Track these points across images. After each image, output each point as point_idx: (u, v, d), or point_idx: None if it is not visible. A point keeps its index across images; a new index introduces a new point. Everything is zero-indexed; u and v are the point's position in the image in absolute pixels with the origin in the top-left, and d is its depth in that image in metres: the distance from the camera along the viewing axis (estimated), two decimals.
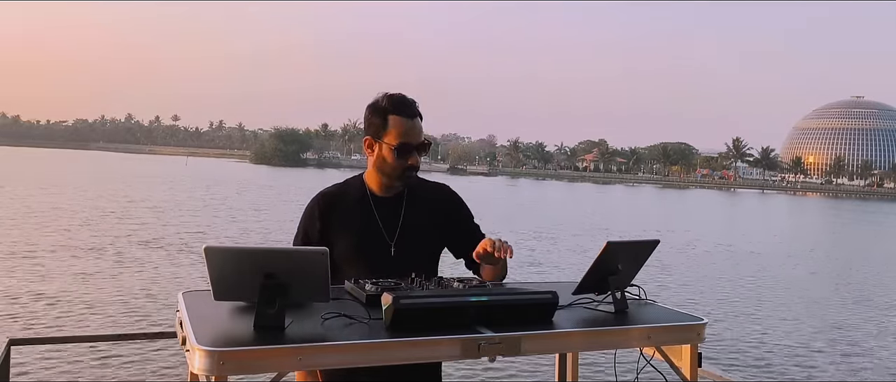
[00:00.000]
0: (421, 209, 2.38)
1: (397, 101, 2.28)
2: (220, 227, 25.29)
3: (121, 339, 4.07)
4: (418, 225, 2.36)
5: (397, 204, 2.36)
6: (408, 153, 2.27)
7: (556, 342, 1.90)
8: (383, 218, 2.34)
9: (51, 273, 14.48)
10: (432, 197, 2.43)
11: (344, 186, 2.44)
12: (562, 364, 2.61)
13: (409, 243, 2.33)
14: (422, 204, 2.39)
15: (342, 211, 2.35)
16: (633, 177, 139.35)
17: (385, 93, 2.31)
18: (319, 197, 2.39)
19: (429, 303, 1.77)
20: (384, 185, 2.35)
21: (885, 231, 42.34)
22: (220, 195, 42.35)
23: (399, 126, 2.26)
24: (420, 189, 2.42)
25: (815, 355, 11.27)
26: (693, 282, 17.71)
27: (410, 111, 2.28)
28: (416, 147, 2.28)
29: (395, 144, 2.25)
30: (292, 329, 1.68)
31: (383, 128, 2.27)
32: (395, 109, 2.26)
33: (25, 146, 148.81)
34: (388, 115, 2.26)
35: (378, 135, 2.28)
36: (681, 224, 37.66)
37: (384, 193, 2.36)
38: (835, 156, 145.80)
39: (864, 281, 19.72)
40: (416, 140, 2.28)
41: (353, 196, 2.38)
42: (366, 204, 2.35)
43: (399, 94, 2.30)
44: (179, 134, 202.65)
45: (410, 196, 2.38)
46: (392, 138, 2.26)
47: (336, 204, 2.36)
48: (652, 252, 2.16)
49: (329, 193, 2.40)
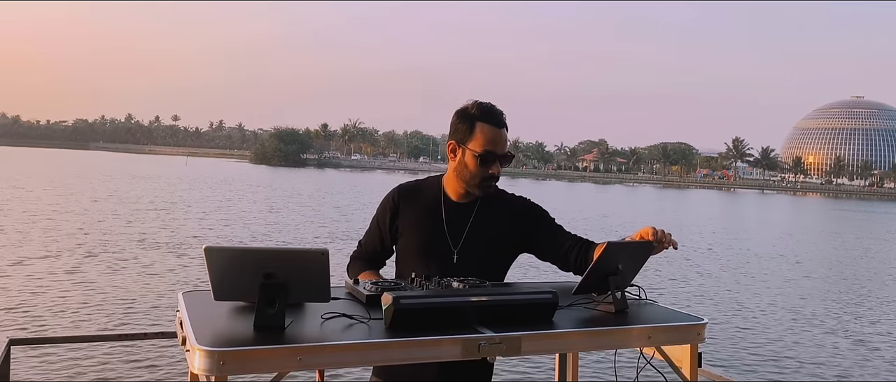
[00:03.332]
0: (492, 219, 2.37)
1: (486, 109, 2.28)
2: (219, 227, 25.29)
3: (121, 339, 4.06)
4: (485, 235, 2.35)
5: (468, 211, 2.36)
6: (491, 161, 2.27)
7: (556, 342, 1.90)
8: (451, 223, 2.34)
9: (51, 272, 14.47)
10: (507, 209, 2.41)
11: (422, 184, 2.45)
12: (562, 364, 2.61)
13: (473, 251, 2.32)
14: (494, 214, 2.38)
15: (415, 208, 2.37)
16: (633, 177, 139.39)
17: (475, 100, 2.31)
18: (396, 191, 2.41)
19: (429, 303, 1.77)
20: (461, 191, 2.35)
21: (886, 231, 42.33)
22: (219, 195, 42.35)
23: (485, 134, 2.26)
24: (496, 200, 2.40)
25: (816, 355, 11.27)
26: (693, 282, 17.71)
27: (498, 120, 2.28)
28: (500, 157, 2.28)
29: (480, 151, 2.26)
30: (292, 329, 1.68)
31: (469, 134, 2.27)
32: (484, 117, 2.27)
33: (25, 146, 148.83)
34: (476, 122, 2.27)
35: (463, 141, 2.29)
36: (681, 224, 37.65)
37: (459, 199, 2.36)
38: (835, 156, 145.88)
39: (865, 281, 19.71)
40: (501, 150, 2.28)
41: (427, 196, 2.39)
42: (437, 207, 2.35)
43: (489, 103, 2.31)
44: (179, 134, 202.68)
45: (483, 205, 2.37)
46: (477, 145, 2.26)
47: (412, 199, 2.38)
48: (652, 252, 2.17)
49: (406, 188, 2.42)
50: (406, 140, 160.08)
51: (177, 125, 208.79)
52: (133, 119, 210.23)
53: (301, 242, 21.44)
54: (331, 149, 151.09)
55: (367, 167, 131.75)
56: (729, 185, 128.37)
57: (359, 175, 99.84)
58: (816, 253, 27.44)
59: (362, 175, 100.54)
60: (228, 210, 32.55)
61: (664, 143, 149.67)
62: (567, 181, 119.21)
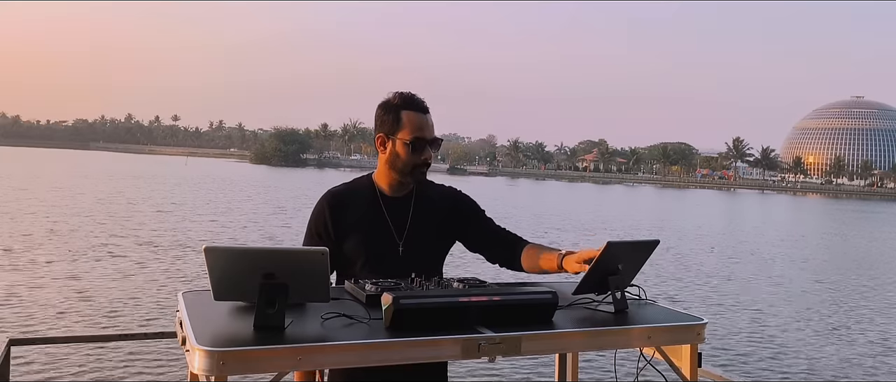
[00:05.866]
0: (429, 209, 2.40)
1: (409, 98, 2.31)
2: (219, 227, 25.29)
3: (121, 339, 4.07)
4: (427, 226, 2.38)
5: (406, 203, 2.38)
6: (421, 148, 2.29)
7: (556, 342, 1.90)
8: (393, 217, 2.35)
9: (51, 272, 14.48)
10: (440, 199, 2.45)
11: (353, 185, 2.45)
12: (562, 364, 2.61)
13: (418, 243, 2.35)
14: (430, 204, 2.41)
15: (352, 209, 2.36)
16: (633, 178, 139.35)
17: (397, 92, 2.34)
18: (328, 196, 2.39)
19: (429, 303, 1.77)
20: (395, 184, 2.37)
21: (886, 231, 42.32)
22: (220, 195, 42.34)
23: (412, 121, 2.28)
24: (429, 190, 2.45)
25: (816, 354, 11.27)
26: (693, 282, 17.71)
27: (422, 107, 2.31)
28: (429, 142, 2.31)
29: (409, 139, 2.28)
30: (292, 329, 1.68)
31: (397, 124, 2.29)
32: (408, 105, 2.30)
33: (25, 146, 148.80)
34: (401, 111, 2.29)
35: (391, 132, 2.30)
36: (681, 224, 37.65)
37: (394, 193, 2.38)
38: (835, 156, 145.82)
39: (865, 280, 19.71)
40: (429, 135, 2.31)
41: (362, 195, 2.39)
42: (375, 203, 2.36)
43: (409, 92, 2.33)
44: (179, 134, 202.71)
45: (419, 196, 2.40)
46: (405, 133, 2.28)
47: (346, 202, 2.38)
48: (652, 252, 2.17)
49: (338, 191, 2.41)
50: None
51: (177, 125, 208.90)
52: (133, 119, 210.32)
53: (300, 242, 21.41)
54: (331, 149, 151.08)
55: (366, 167, 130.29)
56: (729, 185, 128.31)
57: (359, 175, 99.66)
58: (817, 252, 27.44)
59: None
60: (232, 211, 32.54)
61: (664, 143, 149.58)
62: (567, 181, 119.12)
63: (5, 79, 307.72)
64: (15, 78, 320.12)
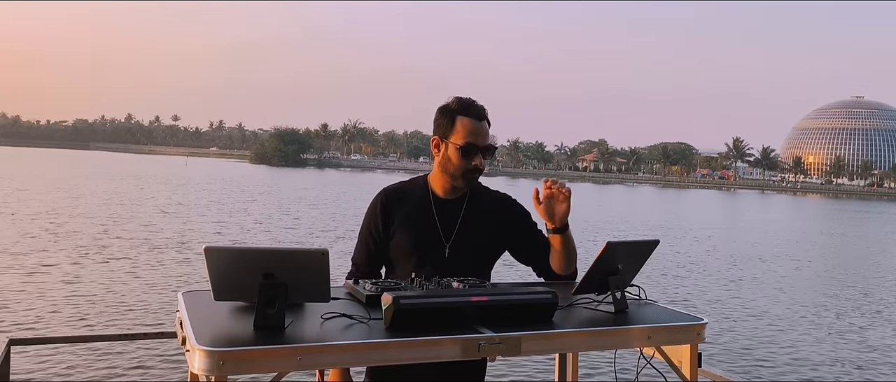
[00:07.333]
0: (480, 214, 2.42)
1: (465, 104, 2.34)
2: (219, 227, 25.28)
3: (121, 339, 4.06)
4: (475, 229, 2.40)
5: (458, 206, 2.41)
6: (473, 153, 2.31)
7: (556, 342, 1.90)
8: (442, 218, 2.38)
9: (51, 273, 14.47)
10: (493, 205, 2.47)
11: (408, 184, 2.48)
12: (562, 364, 2.61)
13: (465, 245, 2.37)
14: (482, 209, 2.44)
15: (404, 207, 2.40)
16: (633, 177, 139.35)
17: (456, 96, 2.37)
18: (383, 194, 2.43)
19: (429, 303, 1.77)
20: (447, 187, 2.40)
21: (886, 231, 42.32)
22: (221, 196, 42.32)
23: (466, 127, 2.31)
24: (483, 195, 2.47)
25: (816, 354, 11.26)
26: (693, 282, 17.70)
27: (478, 114, 2.34)
28: (482, 149, 2.33)
29: (461, 144, 2.30)
30: (292, 330, 1.68)
31: (450, 128, 2.32)
32: (464, 111, 2.33)
33: (25, 146, 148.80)
34: (456, 117, 2.32)
35: (445, 136, 2.34)
36: (681, 223, 37.65)
37: (446, 195, 2.41)
38: (835, 156, 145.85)
39: (865, 280, 19.71)
40: (482, 142, 2.33)
41: (416, 194, 2.42)
42: (427, 204, 2.39)
43: (469, 98, 2.36)
44: (179, 134, 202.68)
45: (472, 200, 2.43)
46: (458, 138, 2.31)
47: (399, 200, 2.41)
48: (652, 252, 2.17)
49: (393, 189, 2.45)
50: (406, 140, 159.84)
51: (177, 125, 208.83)
52: (133, 119, 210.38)
53: (302, 242, 21.43)
54: (331, 149, 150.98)
55: (367, 167, 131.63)
56: (729, 185, 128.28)
57: (359, 175, 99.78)
58: (817, 252, 27.43)
59: (362, 175, 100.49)
60: (228, 209, 32.54)
61: (664, 143, 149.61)
62: (567, 181, 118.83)
63: (5, 79, 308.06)
64: (15, 78, 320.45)
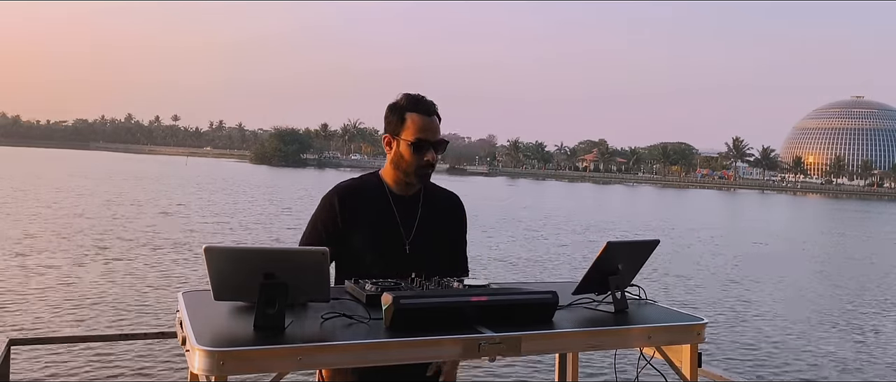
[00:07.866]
0: (435, 211, 2.43)
1: (415, 100, 2.34)
2: (219, 227, 25.28)
3: (121, 339, 4.07)
4: (433, 226, 2.40)
5: (414, 203, 2.40)
6: (424, 149, 2.31)
7: (556, 342, 1.90)
8: (401, 215, 2.37)
9: (51, 273, 14.47)
10: (446, 202, 2.49)
11: (361, 181, 2.46)
12: (562, 364, 2.61)
13: (425, 242, 2.37)
14: (437, 207, 2.44)
15: (361, 204, 2.37)
16: (633, 177, 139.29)
17: (405, 93, 2.36)
18: (339, 189, 2.40)
19: (429, 303, 1.77)
20: (401, 183, 2.39)
21: (886, 231, 42.31)
22: (223, 196, 42.33)
23: (416, 123, 2.30)
24: (435, 193, 2.48)
25: (816, 354, 11.26)
26: (693, 282, 17.70)
27: (427, 109, 2.33)
28: (433, 144, 2.32)
29: (412, 140, 2.29)
30: (292, 330, 1.68)
31: (401, 125, 2.32)
32: (413, 107, 2.32)
33: (25, 146, 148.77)
34: (406, 113, 2.31)
35: (396, 132, 2.33)
36: (681, 223, 37.64)
37: (402, 191, 2.40)
38: (835, 156, 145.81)
39: (865, 281, 19.70)
40: (433, 137, 2.32)
41: (371, 191, 2.40)
42: (384, 200, 2.38)
43: (418, 94, 2.35)
44: (179, 134, 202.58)
45: (427, 198, 2.43)
46: (409, 134, 2.30)
47: (356, 197, 2.38)
48: (652, 252, 2.17)
49: (347, 186, 2.42)
50: None
51: (177, 125, 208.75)
52: (133, 119, 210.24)
53: None
54: (331, 149, 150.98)
55: (367, 167, 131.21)
56: (729, 185, 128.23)
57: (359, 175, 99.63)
58: (817, 252, 27.43)
59: None
60: (228, 209, 32.54)
61: (664, 143, 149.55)
62: (567, 181, 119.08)
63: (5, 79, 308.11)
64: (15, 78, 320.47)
